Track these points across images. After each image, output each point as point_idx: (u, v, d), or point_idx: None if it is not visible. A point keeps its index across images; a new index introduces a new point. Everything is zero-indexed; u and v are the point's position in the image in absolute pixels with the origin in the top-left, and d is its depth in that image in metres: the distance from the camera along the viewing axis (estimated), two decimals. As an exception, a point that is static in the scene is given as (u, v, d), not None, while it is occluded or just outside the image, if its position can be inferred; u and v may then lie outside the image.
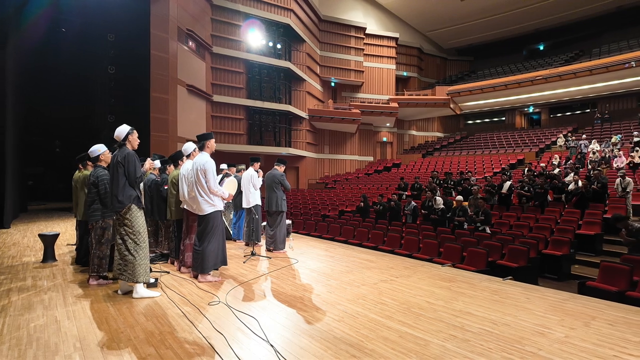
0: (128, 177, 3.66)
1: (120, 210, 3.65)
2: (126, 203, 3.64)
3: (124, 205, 3.63)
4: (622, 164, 12.49)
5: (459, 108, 25.71)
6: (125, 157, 3.65)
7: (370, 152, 25.11)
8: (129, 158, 3.66)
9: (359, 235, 9.26)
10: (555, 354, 2.53)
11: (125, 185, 3.65)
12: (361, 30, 23.94)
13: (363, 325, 3.02)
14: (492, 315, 3.30)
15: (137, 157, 3.74)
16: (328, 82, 23.74)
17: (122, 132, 3.74)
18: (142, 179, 4.04)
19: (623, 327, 3.04)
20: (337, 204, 14.43)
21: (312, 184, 21.12)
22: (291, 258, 5.77)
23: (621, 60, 18.26)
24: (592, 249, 7.62)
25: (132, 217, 3.67)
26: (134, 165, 3.67)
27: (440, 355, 2.51)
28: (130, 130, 3.77)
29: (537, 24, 24.68)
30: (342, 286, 4.21)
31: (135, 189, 3.73)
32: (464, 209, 8.81)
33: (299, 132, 20.81)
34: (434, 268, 5.37)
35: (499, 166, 16.73)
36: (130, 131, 3.77)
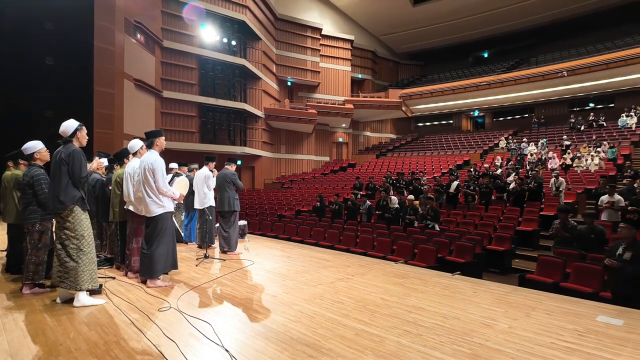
0: (72, 176, 3.35)
1: (62, 212, 3.35)
2: (68, 204, 3.34)
3: (65, 207, 3.33)
4: (556, 165, 13.63)
5: (410, 111, 26.67)
6: (70, 154, 3.33)
7: (327, 152, 25.33)
8: (75, 156, 3.34)
9: (316, 234, 9.29)
10: (501, 344, 2.69)
11: (68, 185, 3.34)
12: (317, 31, 24.07)
13: (320, 325, 3.02)
14: (443, 310, 3.44)
15: (83, 155, 3.43)
16: (284, 82, 23.62)
17: (70, 128, 3.41)
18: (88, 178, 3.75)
19: (559, 316, 3.30)
20: (293, 203, 14.39)
21: (269, 183, 20.91)
22: (246, 260, 5.65)
23: (555, 70, 19.91)
24: (531, 243, 8.23)
25: (74, 219, 3.38)
26: (79, 163, 3.35)
27: (395, 351, 2.56)
28: (79, 126, 3.45)
29: (482, 32, 26.22)
30: (299, 286, 4.19)
31: (80, 189, 3.44)
32: (414, 208, 9.14)
33: (255, 131, 20.50)
34: (387, 265, 5.51)
35: (447, 167, 17.57)
36: (79, 127, 3.45)
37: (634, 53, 17.57)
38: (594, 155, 13.29)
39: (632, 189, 7.88)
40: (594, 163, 12.88)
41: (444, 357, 2.48)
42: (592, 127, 18.42)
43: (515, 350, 2.58)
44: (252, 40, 20.17)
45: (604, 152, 13.68)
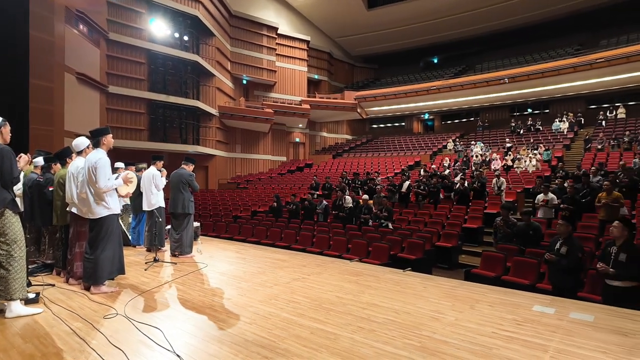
0: (1, 176, 3.03)
1: None
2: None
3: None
4: (498, 166, 14.58)
5: (365, 112, 27.28)
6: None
7: (284, 152, 25.22)
8: (4, 154, 3.01)
9: (272, 235, 9.24)
10: (447, 336, 2.85)
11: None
12: (273, 30, 23.89)
13: (275, 326, 3.01)
14: (395, 305, 3.57)
15: (13, 154, 3.13)
16: (239, 80, 23.18)
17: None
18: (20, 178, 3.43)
19: (500, 307, 3.55)
20: (249, 204, 14.18)
21: (223, 184, 20.42)
22: (199, 262, 5.49)
23: (497, 77, 21.29)
24: (475, 240, 8.75)
25: (5, 223, 3.09)
26: (9, 162, 3.03)
27: (349, 347, 2.62)
28: (2, 122, 3.12)
29: (433, 39, 27.40)
30: (254, 288, 4.15)
31: (10, 190, 3.14)
32: (369, 207, 9.38)
33: (209, 130, 19.93)
34: (343, 264, 5.61)
35: (400, 167, 18.19)
36: (2, 123, 3.12)
37: (564, 64, 19.24)
38: (532, 157, 14.38)
39: (563, 188, 8.63)
40: (531, 164, 13.94)
41: (395, 350, 2.58)
42: (530, 130, 19.92)
43: (460, 341, 2.74)
44: (205, 36, 19.60)
45: (540, 154, 14.84)
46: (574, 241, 4.80)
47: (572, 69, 18.89)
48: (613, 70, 18.03)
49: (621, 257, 4.11)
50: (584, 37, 22.71)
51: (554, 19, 23.12)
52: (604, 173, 9.55)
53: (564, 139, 17.60)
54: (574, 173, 10.41)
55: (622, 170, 9.44)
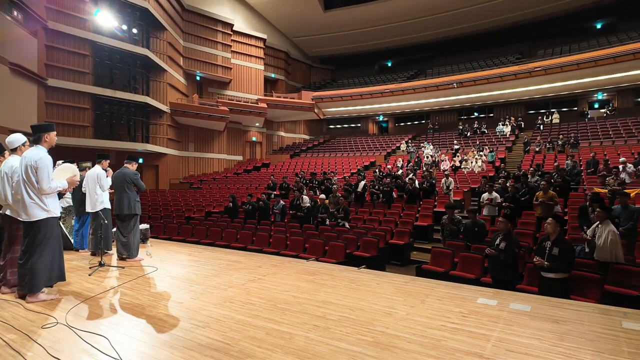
0: None
1: None
2: None
3: None
4: (447, 166, 15.31)
5: (322, 113, 27.50)
6: None
7: (240, 152, 24.76)
8: None
9: (227, 236, 9.05)
10: (399, 330, 2.95)
11: None
12: (228, 26, 23.37)
13: (230, 328, 2.96)
14: (350, 302, 3.64)
15: None
16: (193, 76, 22.43)
17: None
18: None
19: (448, 301, 3.73)
20: (203, 204, 13.78)
21: (175, 184, 19.65)
22: (149, 266, 5.25)
23: (447, 82, 22.39)
24: (426, 237, 9.14)
25: None
26: None
27: (304, 346, 2.64)
28: None
29: (386, 43, 28.21)
30: (208, 291, 4.05)
31: None
32: (326, 207, 9.48)
33: (159, 127, 19.09)
34: (299, 263, 5.62)
35: (356, 167, 18.55)
36: None
37: (506, 71, 20.65)
38: (478, 158, 15.26)
39: (506, 187, 9.26)
40: (477, 165, 14.79)
41: (349, 347, 2.63)
42: (476, 133, 21.13)
43: (411, 335, 2.86)
44: (156, 29, 18.76)
45: (485, 155, 15.78)
46: (511, 237, 5.16)
47: (513, 76, 20.31)
48: (549, 79, 19.63)
49: (554, 251, 4.49)
50: (524, 47, 24.50)
51: (497, 28, 24.71)
52: (540, 174, 10.34)
53: (507, 141, 18.86)
54: (515, 173, 11.19)
55: (556, 171, 10.30)
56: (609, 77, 18.57)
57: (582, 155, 13.78)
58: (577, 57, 18.63)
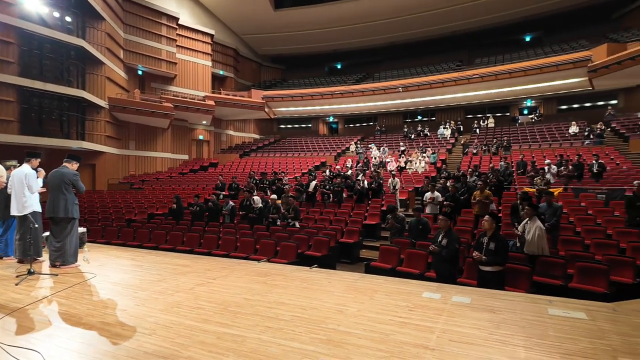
0: None
1: None
2: None
3: None
4: (393, 167, 15.90)
5: (273, 112, 27.28)
6: None
7: (186, 150, 23.75)
8: None
9: (172, 239, 8.67)
10: (351, 327, 3.03)
11: None
12: (173, 20, 22.35)
13: (178, 334, 2.85)
14: (302, 302, 3.67)
15: None
16: (134, 70, 21.16)
17: None
18: None
19: (395, 296, 3.89)
20: (145, 206, 13.07)
21: (114, 184, 18.40)
22: (87, 272, 4.89)
23: (393, 86, 23.26)
24: (374, 235, 9.43)
25: None
26: None
27: (256, 348, 2.62)
28: None
29: (335, 45, 28.65)
30: (154, 296, 3.86)
31: None
32: (277, 207, 9.42)
33: (97, 124, 17.77)
34: (250, 265, 5.54)
35: (307, 167, 18.64)
36: None
37: (447, 77, 21.93)
38: (421, 159, 16.03)
39: (446, 187, 9.83)
40: (420, 166, 15.53)
41: (302, 346, 2.65)
42: (419, 135, 22.19)
43: (362, 330, 2.95)
44: (93, 19, 17.44)
45: (428, 157, 16.62)
46: (452, 234, 5.50)
47: (453, 83, 21.60)
48: (485, 86, 21.15)
49: (491, 246, 4.85)
50: (464, 55, 26.17)
51: (439, 37, 26.14)
52: (478, 174, 11.11)
53: (447, 143, 20.02)
54: (455, 174, 11.91)
55: (491, 172, 11.13)
56: (536, 86, 20.44)
57: (514, 157, 15.01)
58: (509, 67, 20.28)
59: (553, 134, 18.43)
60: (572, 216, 8.29)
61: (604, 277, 4.87)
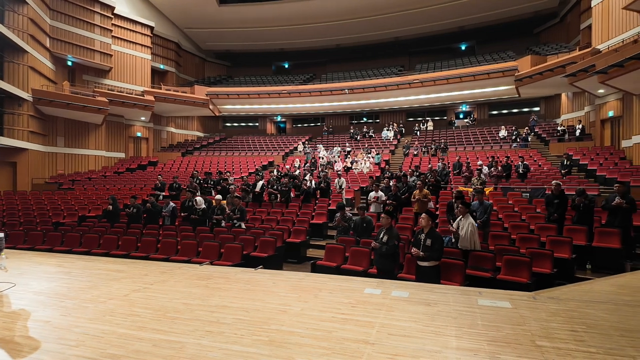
0: None
1: None
2: None
3: None
4: (340, 167, 16.20)
5: (218, 110, 26.49)
6: None
7: (122, 148, 22.25)
8: None
9: (106, 243, 8.10)
10: (294, 326, 3.04)
11: None
12: (108, 9, 20.85)
13: (110, 344, 2.68)
14: (245, 304, 3.61)
15: None
16: (63, 60, 19.41)
17: None
18: None
19: (339, 293, 3.97)
20: (76, 208, 12.07)
21: (40, 184, 16.74)
22: (3, 282, 4.41)
23: (340, 87, 23.69)
24: (321, 234, 9.54)
25: None
26: None
27: (196, 353, 2.54)
28: None
29: (282, 44, 28.53)
30: (83, 305, 3.58)
31: None
32: (222, 208, 9.17)
33: (18, 118, 16.06)
34: (192, 268, 5.35)
35: (254, 167, 18.36)
36: None
37: (390, 81, 22.80)
38: (366, 160, 16.51)
39: (389, 186, 10.22)
40: (366, 166, 15.99)
41: (243, 349, 2.62)
42: (365, 137, 22.83)
43: (305, 329, 2.97)
44: (13, 2, 15.75)
45: (372, 157, 17.16)
46: (393, 231, 5.73)
47: (396, 86, 22.50)
48: (425, 90, 22.29)
49: (427, 242, 5.12)
50: (405, 60, 27.36)
51: (383, 41, 27.15)
52: (418, 174, 11.68)
53: (390, 145, 20.82)
54: (397, 174, 12.42)
55: (430, 172, 11.76)
56: (471, 92, 21.94)
57: (450, 159, 15.98)
58: (446, 73, 21.55)
59: (485, 137, 19.92)
60: (501, 213, 9.01)
61: (527, 269, 5.35)
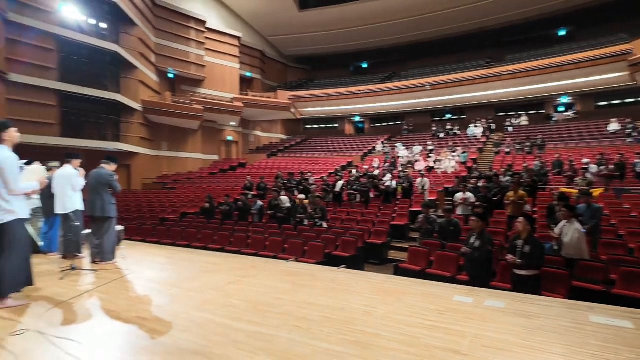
0: None
1: None
2: None
3: None
4: (422, 167, 15.62)
5: (299, 113, 27.47)
6: None
7: (215, 151, 24.35)
8: None
9: (204, 237, 8.90)
10: (379, 329, 3.00)
11: None
12: (201, 24, 22.95)
13: (211, 331, 2.93)
14: (330, 302, 3.67)
15: None
16: (165, 73, 21.89)
17: None
18: None
19: (425, 299, 3.82)
20: (178, 205, 13.49)
21: (148, 184, 19.11)
22: (124, 269, 5.10)
23: (420, 84, 22.87)
24: (402, 236, 9.30)
25: None
26: None
27: (287, 347, 2.65)
28: None
29: (361, 44, 28.52)
30: (187, 294, 3.98)
31: None
32: (304, 207, 9.48)
33: (131, 126, 18.51)
34: (279, 264, 5.61)
35: (333, 167, 18.65)
36: None
37: (477, 75, 21.33)
38: (451, 159, 15.67)
39: (477, 187, 9.56)
40: (450, 165, 15.19)
41: (331, 347, 2.66)
42: (449, 134, 21.69)
43: (390, 333, 2.92)
44: (126, 25, 18.17)
45: (458, 156, 16.22)
46: (485, 235, 5.34)
47: (484, 80, 20.98)
48: (516, 83, 20.42)
49: (526, 249, 4.68)
50: (493, 52, 25.35)
51: (467, 33, 25.56)
52: (511, 174, 10.74)
53: (478, 142, 19.47)
54: (487, 174, 11.57)
55: (526, 172, 10.73)
56: (572, 82, 19.50)
57: (548, 157, 14.40)
58: (541, 63, 19.46)
59: (591, 132, 17.54)
60: (614, 218, 7.86)
61: (650, 283, 4.60)
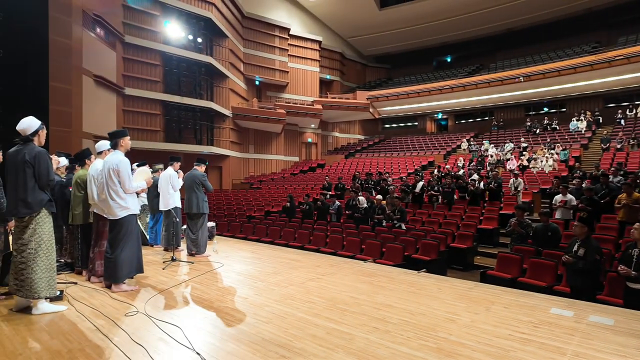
0: (39, 179, 3.17)
1: (25, 216, 3.16)
2: (36, 209, 3.17)
3: (33, 211, 3.16)
4: (514, 166, 14.35)
5: (377, 112, 27.18)
6: (36, 156, 3.15)
7: (296, 152, 25.34)
8: (41, 157, 3.16)
9: (286, 235, 9.30)
10: (463, 338, 2.84)
11: (34, 188, 3.16)
12: (285, 31, 24.02)
13: (292, 325, 3.05)
14: (410, 306, 3.57)
15: (49, 157, 3.28)
16: (252, 81, 23.38)
17: (32, 127, 3.22)
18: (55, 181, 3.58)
19: (516, 309, 3.51)
20: (262, 204, 14.30)
21: (237, 184, 20.63)
22: (215, 262, 5.58)
23: (512, 76, 20.96)
24: (491, 241, 8.62)
25: (37, 223, 3.18)
26: (46, 165, 3.19)
27: (364, 347, 2.64)
28: (41, 126, 3.27)
29: (445, 38, 27.14)
30: (270, 287, 4.20)
31: (46, 191, 3.27)
32: (382, 208, 9.34)
33: (222, 131, 20.16)
34: (357, 264, 5.62)
35: (413, 167, 18.07)
36: (41, 127, 3.27)
37: (581, 62, 18.83)
38: (548, 157, 14.11)
39: (580, 188, 8.47)
40: (548, 164, 13.68)
41: (410, 351, 2.58)
42: (546, 130, 19.55)
43: (476, 343, 2.74)
44: (218, 37, 19.83)
45: (557, 154, 14.55)
46: (591, 243, 4.71)
47: (589, 67, 18.47)
48: (632, 68, 17.56)
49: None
50: (601, 35, 22.17)
51: (568, 17, 22.71)
52: (623, 173, 9.32)
53: (582, 138, 17.22)
54: (592, 173, 10.20)
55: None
56: None
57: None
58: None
59: None
60: None
61: None
